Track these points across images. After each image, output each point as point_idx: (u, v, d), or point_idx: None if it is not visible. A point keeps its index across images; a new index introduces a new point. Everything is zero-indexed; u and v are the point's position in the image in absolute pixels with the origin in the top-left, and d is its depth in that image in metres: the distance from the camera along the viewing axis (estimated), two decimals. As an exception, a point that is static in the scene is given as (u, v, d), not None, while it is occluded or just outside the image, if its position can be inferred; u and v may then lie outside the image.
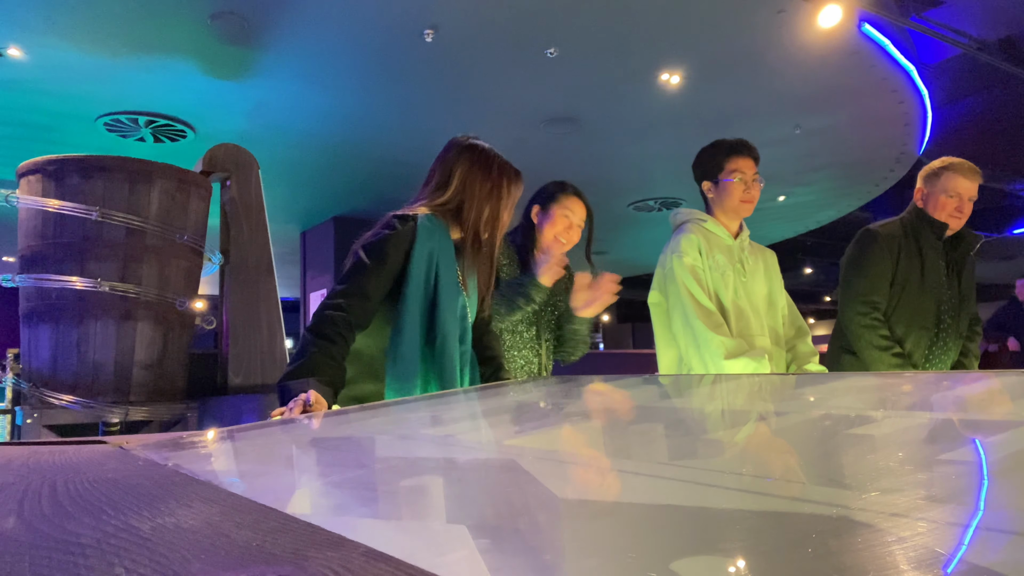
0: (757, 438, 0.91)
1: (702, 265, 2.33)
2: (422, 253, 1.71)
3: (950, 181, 2.66)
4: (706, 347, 2.22)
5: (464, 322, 1.80)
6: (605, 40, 5.25)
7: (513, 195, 1.84)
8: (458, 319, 1.77)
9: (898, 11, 5.75)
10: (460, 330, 1.77)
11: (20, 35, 4.83)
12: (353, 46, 5.23)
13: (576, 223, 2.34)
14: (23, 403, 3.02)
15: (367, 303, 1.65)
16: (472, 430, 1.14)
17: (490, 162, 1.83)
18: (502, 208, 1.81)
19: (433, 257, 1.73)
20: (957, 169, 2.66)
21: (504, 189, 1.81)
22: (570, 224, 2.33)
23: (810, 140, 7.37)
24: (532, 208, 2.40)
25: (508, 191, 1.82)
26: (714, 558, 0.41)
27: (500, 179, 1.82)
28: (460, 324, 1.78)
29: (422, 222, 1.74)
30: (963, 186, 2.65)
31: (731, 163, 2.42)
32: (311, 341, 1.54)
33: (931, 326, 2.67)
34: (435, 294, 1.73)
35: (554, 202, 2.35)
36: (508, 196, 1.82)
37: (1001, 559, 0.39)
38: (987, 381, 1.34)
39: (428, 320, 1.72)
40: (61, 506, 0.53)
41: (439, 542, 0.47)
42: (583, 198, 2.37)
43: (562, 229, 2.32)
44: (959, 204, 2.65)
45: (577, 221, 2.34)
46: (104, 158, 3.09)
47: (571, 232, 2.34)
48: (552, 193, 2.37)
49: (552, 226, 2.33)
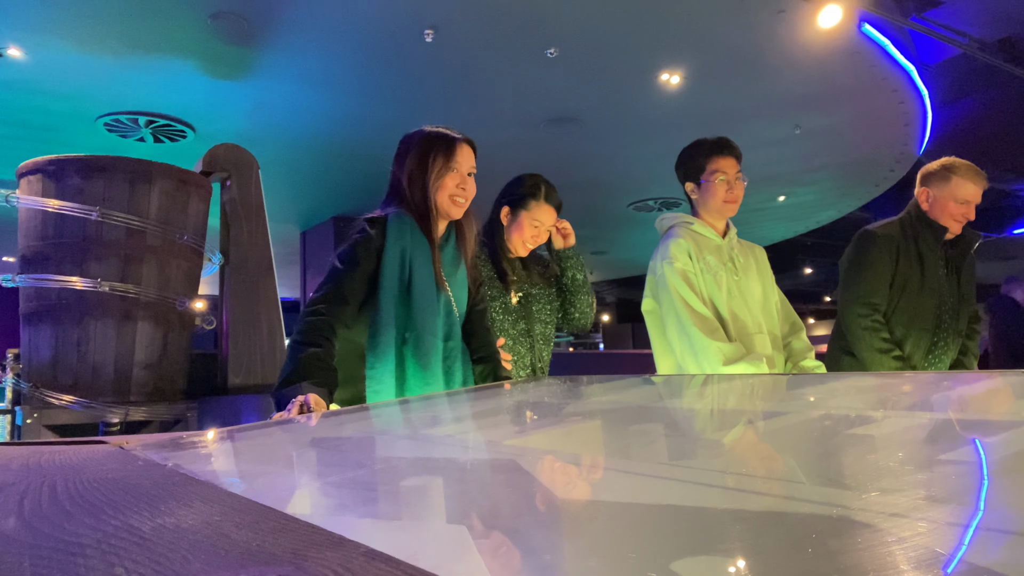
0: (757, 438, 0.91)
1: (693, 269, 2.31)
2: (393, 252, 1.73)
3: (960, 188, 2.62)
4: (703, 354, 2.21)
5: (449, 318, 1.79)
6: (605, 40, 5.25)
7: (445, 157, 1.79)
8: (438, 316, 1.75)
9: (898, 11, 5.75)
10: (445, 327, 1.77)
11: (20, 35, 4.83)
12: (353, 46, 5.23)
13: (545, 229, 2.35)
14: (23, 403, 3.02)
15: (346, 307, 1.67)
16: (472, 430, 1.14)
17: (412, 139, 1.85)
18: (434, 174, 1.78)
19: (405, 255, 1.74)
20: (966, 174, 2.62)
21: (430, 156, 1.79)
22: (538, 233, 2.34)
23: (810, 140, 7.37)
24: (502, 208, 2.36)
25: (436, 155, 1.79)
26: (714, 558, 0.41)
27: (426, 148, 1.81)
28: (444, 321, 1.77)
29: (392, 221, 1.76)
30: (972, 192, 2.62)
31: (712, 163, 2.40)
32: (299, 348, 1.56)
33: (931, 327, 2.66)
34: (410, 291, 1.73)
35: (524, 209, 2.32)
36: (439, 159, 1.79)
37: (1001, 559, 0.39)
38: (987, 381, 1.34)
39: (404, 318, 1.72)
40: (61, 506, 0.53)
41: (439, 542, 0.47)
42: (554, 201, 2.35)
43: (529, 237, 2.33)
44: (967, 210, 2.63)
45: (547, 228, 2.35)
46: (104, 158, 3.09)
47: (539, 238, 2.35)
48: (522, 197, 2.33)
49: (520, 234, 2.33)
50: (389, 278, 1.71)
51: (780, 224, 11.03)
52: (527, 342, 2.35)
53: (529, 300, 2.38)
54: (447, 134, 1.84)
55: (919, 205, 2.73)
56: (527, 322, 2.36)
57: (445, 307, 1.79)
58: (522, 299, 2.36)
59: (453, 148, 1.81)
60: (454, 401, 1.50)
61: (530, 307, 2.37)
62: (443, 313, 1.78)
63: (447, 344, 1.77)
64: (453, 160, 1.80)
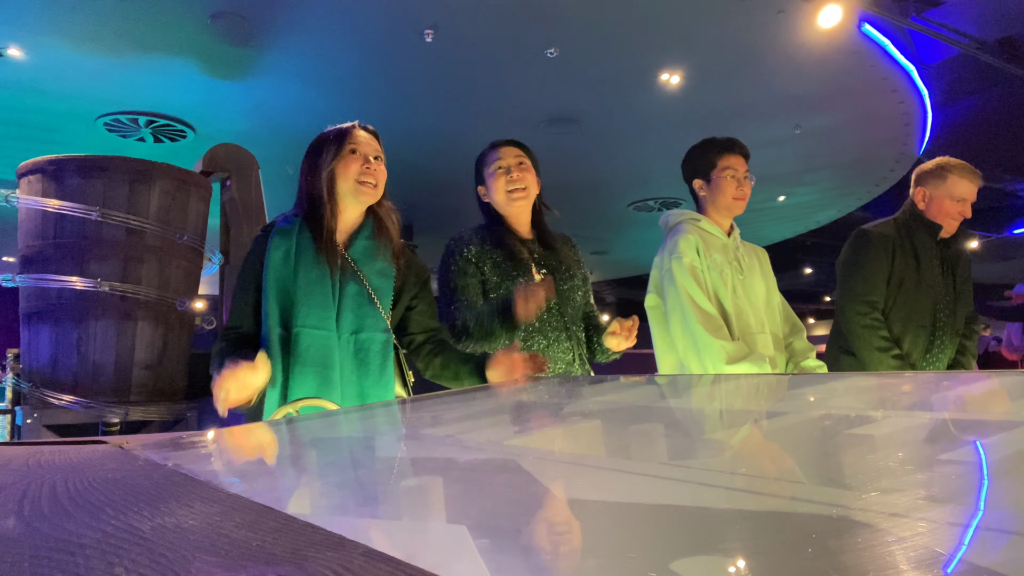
0: (757, 438, 0.91)
1: (701, 265, 2.31)
2: (276, 255, 1.74)
3: (956, 186, 2.65)
4: (707, 352, 2.20)
5: (361, 310, 1.75)
6: (605, 40, 5.25)
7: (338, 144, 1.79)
8: (331, 309, 1.72)
9: (898, 11, 5.74)
10: (354, 320, 1.74)
11: (20, 35, 4.83)
12: (353, 46, 5.23)
13: (511, 163, 2.16)
14: (23, 403, 3.02)
15: (246, 320, 1.77)
16: (471, 430, 1.14)
17: (310, 145, 1.87)
18: (329, 160, 1.78)
19: (290, 254, 1.74)
20: (961, 172, 2.65)
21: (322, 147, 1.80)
22: (508, 170, 2.16)
23: (810, 140, 7.37)
24: (478, 191, 2.25)
25: (328, 145, 1.80)
26: (714, 558, 0.41)
27: (318, 142, 1.83)
28: (353, 313, 1.74)
29: (278, 226, 1.80)
30: (968, 190, 2.66)
31: (724, 160, 2.42)
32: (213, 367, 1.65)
33: (928, 324, 2.67)
34: (295, 286, 1.72)
35: (484, 167, 2.20)
36: (331, 147, 1.79)
37: (1001, 559, 0.39)
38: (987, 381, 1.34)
39: (285, 314, 1.72)
40: (61, 506, 0.53)
41: (439, 542, 0.47)
42: (507, 141, 2.22)
43: (504, 183, 2.15)
44: (963, 208, 2.66)
45: (511, 162, 2.16)
46: (104, 158, 3.09)
47: (515, 177, 2.15)
48: (477, 166, 2.24)
49: (497, 187, 2.16)
50: (269, 280, 1.72)
51: (780, 224, 11.03)
52: (560, 321, 2.17)
53: (556, 277, 2.18)
54: (339, 126, 1.85)
55: (915, 204, 2.75)
56: (558, 299, 2.16)
57: (355, 299, 1.75)
58: (546, 276, 2.16)
59: (345, 134, 1.80)
60: (455, 401, 1.50)
61: (559, 284, 2.17)
62: (352, 306, 1.74)
63: (358, 336, 1.74)
64: (348, 144, 1.78)
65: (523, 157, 2.19)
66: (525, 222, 2.23)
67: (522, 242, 2.19)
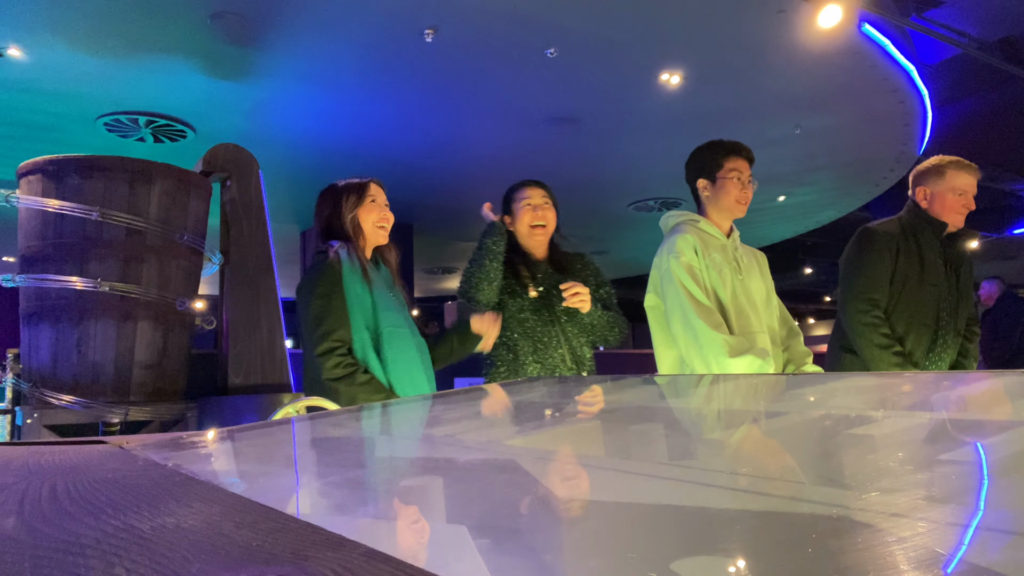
0: (757, 438, 0.91)
1: (699, 264, 2.32)
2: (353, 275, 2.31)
3: (957, 179, 2.67)
4: (709, 346, 2.20)
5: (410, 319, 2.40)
6: (605, 40, 5.25)
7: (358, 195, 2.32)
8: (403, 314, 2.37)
9: (898, 11, 5.75)
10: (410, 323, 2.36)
11: (20, 35, 4.83)
12: (353, 46, 5.22)
13: (539, 203, 2.49)
14: (23, 403, 3.02)
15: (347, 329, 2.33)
16: (471, 430, 1.14)
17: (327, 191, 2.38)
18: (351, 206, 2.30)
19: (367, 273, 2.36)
20: (958, 166, 2.68)
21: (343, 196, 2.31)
22: (534, 208, 2.49)
23: (810, 140, 7.36)
24: (504, 220, 2.54)
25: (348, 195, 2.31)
26: (714, 558, 0.41)
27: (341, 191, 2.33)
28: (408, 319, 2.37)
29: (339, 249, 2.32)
30: (968, 181, 2.68)
31: (730, 162, 2.43)
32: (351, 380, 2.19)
33: (931, 323, 2.67)
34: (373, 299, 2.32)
35: (512, 202, 2.52)
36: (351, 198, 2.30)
37: (1001, 559, 0.39)
38: (987, 381, 1.34)
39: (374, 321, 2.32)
40: (61, 506, 0.53)
41: (439, 542, 0.47)
42: (533, 182, 2.53)
43: (529, 218, 2.48)
44: (966, 200, 2.68)
45: (539, 202, 2.50)
46: (104, 158, 3.09)
47: (539, 215, 2.49)
48: (507, 197, 2.56)
49: (522, 220, 2.49)
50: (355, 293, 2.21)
51: (780, 224, 11.03)
52: (556, 332, 2.45)
53: (552, 292, 2.47)
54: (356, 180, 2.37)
55: (918, 204, 2.75)
56: (550, 312, 2.46)
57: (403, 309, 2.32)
58: (543, 293, 2.47)
59: (365, 187, 2.32)
60: (455, 401, 1.50)
61: (552, 299, 2.46)
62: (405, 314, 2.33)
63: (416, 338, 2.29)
64: (367, 196, 2.30)
65: (547, 197, 2.54)
66: (541, 248, 2.59)
67: (527, 264, 2.53)
